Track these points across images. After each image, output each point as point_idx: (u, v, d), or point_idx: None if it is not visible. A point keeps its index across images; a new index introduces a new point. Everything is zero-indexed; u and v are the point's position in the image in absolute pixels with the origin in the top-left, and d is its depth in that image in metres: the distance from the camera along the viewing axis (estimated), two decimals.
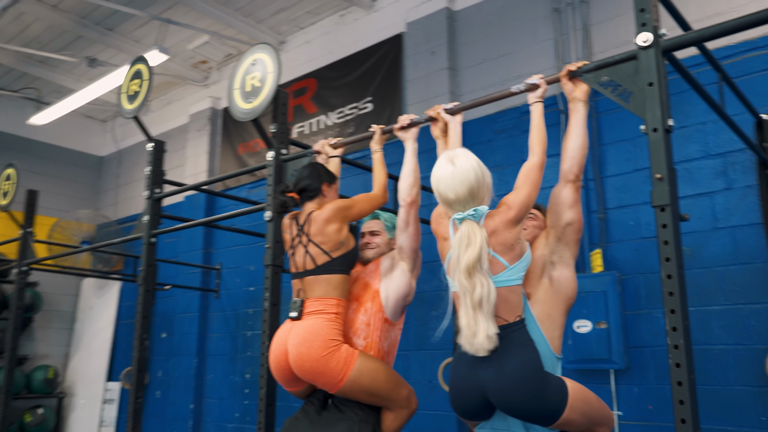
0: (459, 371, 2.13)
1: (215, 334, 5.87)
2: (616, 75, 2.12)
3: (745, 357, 3.16)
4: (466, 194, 2.05)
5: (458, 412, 2.19)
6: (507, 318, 2.05)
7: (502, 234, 2.06)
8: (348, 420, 2.54)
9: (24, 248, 5.11)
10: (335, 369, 2.44)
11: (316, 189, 2.72)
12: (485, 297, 1.94)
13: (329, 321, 2.52)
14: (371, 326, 2.66)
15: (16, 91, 7.12)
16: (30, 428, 6.37)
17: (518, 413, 2.04)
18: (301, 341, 2.47)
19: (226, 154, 6.29)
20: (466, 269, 1.95)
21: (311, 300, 2.58)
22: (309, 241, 2.62)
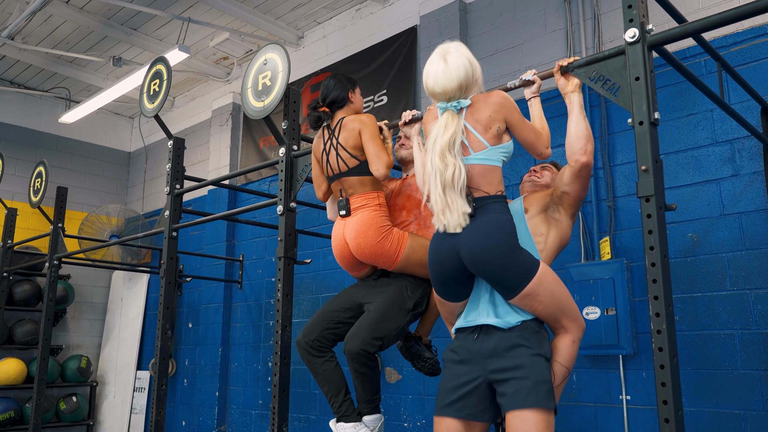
0: (437, 240, 2.28)
1: (239, 323, 6.04)
2: (605, 70, 2.18)
3: (751, 341, 3.20)
4: (455, 89, 2.24)
5: (437, 282, 2.35)
6: (488, 191, 2.22)
7: (481, 112, 2.24)
8: (402, 281, 2.88)
9: (55, 242, 5.32)
10: (391, 249, 2.77)
11: (344, 98, 3.00)
12: (456, 176, 2.14)
13: (375, 211, 2.83)
14: (421, 226, 2.96)
15: (47, 91, 7.37)
16: (65, 415, 6.64)
17: (486, 272, 2.19)
18: (356, 234, 2.79)
19: (248, 148, 6.44)
20: (440, 150, 2.16)
21: (354, 197, 2.87)
22: (338, 144, 2.88)
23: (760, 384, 3.14)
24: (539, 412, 2.08)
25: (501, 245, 2.15)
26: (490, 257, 2.15)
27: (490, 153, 2.23)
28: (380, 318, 2.72)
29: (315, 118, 2.98)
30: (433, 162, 2.18)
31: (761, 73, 3.38)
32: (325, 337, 2.84)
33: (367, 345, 2.66)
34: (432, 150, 2.20)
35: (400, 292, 2.82)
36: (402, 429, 4.54)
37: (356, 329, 2.72)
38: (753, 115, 3.34)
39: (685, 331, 3.40)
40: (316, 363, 2.82)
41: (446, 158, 2.16)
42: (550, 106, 4.05)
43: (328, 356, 2.84)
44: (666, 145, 3.62)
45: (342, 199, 2.88)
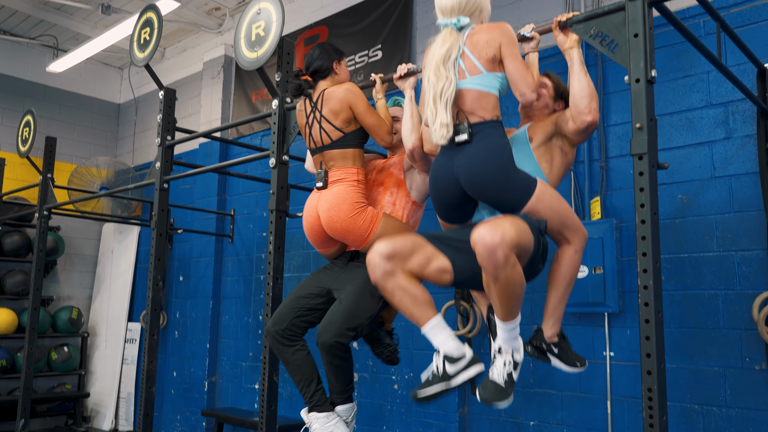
0: (436, 165, 2.36)
1: (230, 277, 6.08)
2: (605, 26, 2.16)
3: (734, 301, 3.26)
4: (455, 5, 2.31)
5: (439, 207, 2.43)
6: (483, 116, 2.26)
7: (480, 35, 2.28)
8: None
9: (44, 193, 5.29)
10: (363, 227, 2.72)
11: (328, 68, 2.92)
12: (445, 89, 2.20)
13: (352, 186, 2.78)
14: (396, 204, 2.92)
15: (34, 39, 7.22)
16: (56, 365, 6.71)
17: (485, 195, 2.26)
18: (330, 206, 2.75)
19: (240, 102, 6.38)
20: (435, 64, 2.23)
21: (333, 170, 2.82)
22: (322, 117, 2.83)
23: (740, 342, 3.22)
24: (522, 220, 2.16)
25: (498, 168, 2.20)
26: (488, 180, 2.21)
27: (485, 78, 2.26)
28: (352, 306, 2.66)
29: (295, 86, 2.89)
30: (428, 78, 2.26)
31: (760, 35, 3.36)
32: (296, 325, 2.78)
33: (341, 336, 2.61)
34: (429, 66, 2.27)
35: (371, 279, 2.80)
36: (390, 382, 4.63)
37: (329, 320, 2.66)
38: (749, 78, 3.34)
39: (670, 290, 3.45)
40: (287, 352, 2.76)
41: (440, 72, 2.22)
42: (547, 64, 4.02)
43: (299, 345, 2.78)
44: (660, 107, 3.62)
45: (321, 171, 2.83)
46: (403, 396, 4.56)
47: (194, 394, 6.04)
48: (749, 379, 3.18)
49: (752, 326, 3.17)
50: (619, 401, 3.55)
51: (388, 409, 4.64)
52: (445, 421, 4.19)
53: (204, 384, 5.96)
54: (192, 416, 5.99)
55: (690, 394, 3.34)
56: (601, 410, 3.62)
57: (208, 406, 5.91)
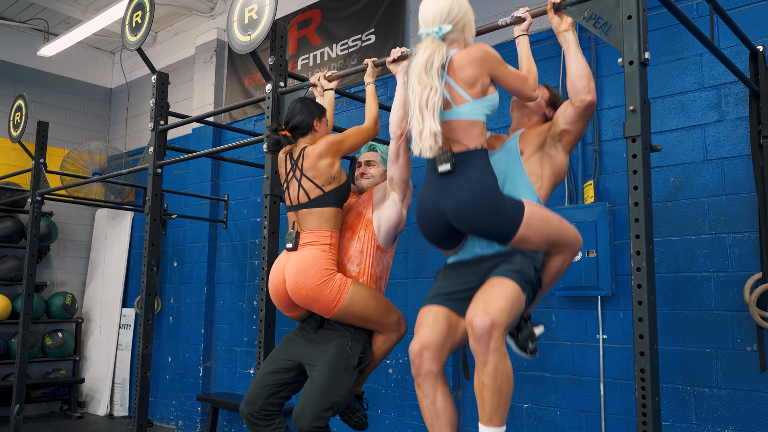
0: (421, 199, 2.34)
1: (224, 263, 6.08)
2: (598, 8, 2.16)
3: (726, 283, 3.29)
4: (437, 15, 2.26)
5: (428, 238, 2.41)
6: (468, 145, 2.23)
7: (464, 70, 2.22)
8: (341, 337, 2.73)
9: (37, 178, 5.26)
10: (329, 296, 2.61)
11: (308, 125, 2.82)
12: (431, 97, 2.14)
13: (323, 251, 2.68)
14: (364, 253, 2.82)
15: (24, 22, 7.14)
16: (51, 350, 6.71)
17: (474, 229, 2.24)
18: (297, 271, 2.64)
19: (233, 87, 6.34)
20: (417, 73, 2.18)
21: (306, 232, 2.73)
22: (302, 175, 2.74)
23: (732, 324, 3.25)
24: (513, 284, 2.16)
25: (483, 202, 2.16)
26: (474, 215, 2.18)
27: (472, 107, 2.22)
28: (327, 386, 2.58)
29: (273, 141, 2.81)
30: (413, 87, 2.20)
31: (752, 17, 3.36)
32: (271, 404, 2.68)
33: (318, 420, 2.52)
34: (411, 74, 2.22)
35: (343, 351, 2.67)
36: (385, 366, 4.66)
37: (303, 404, 2.56)
38: (741, 61, 3.34)
39: (663, 273, 3.48)
40: (266, 431, 2.67)
41: (422, 79, 2.17)
42: (542, 47, 4.02)
43: (277, 423, 2.69)
44: (654, 89, 3.62)
45: (292, 231, 2.75)
46: (398, 380, 4.59)
47: (189, 379, 6.06)
48: (740, 361, 3.21)
49: (744, 308, 3.20)
50: (612, 383, 3.59)
51: (383, 393, 4.67)
52: None
53: (199, 369, 5.98)
54: (187, 401, 6.02)
55: (682, 375, 3.38)
56: (594, 392, 3.66)
57: (203, 391, 5.93)
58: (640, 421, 1.93)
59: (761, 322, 3.08)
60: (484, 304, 2.09)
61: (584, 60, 2.32)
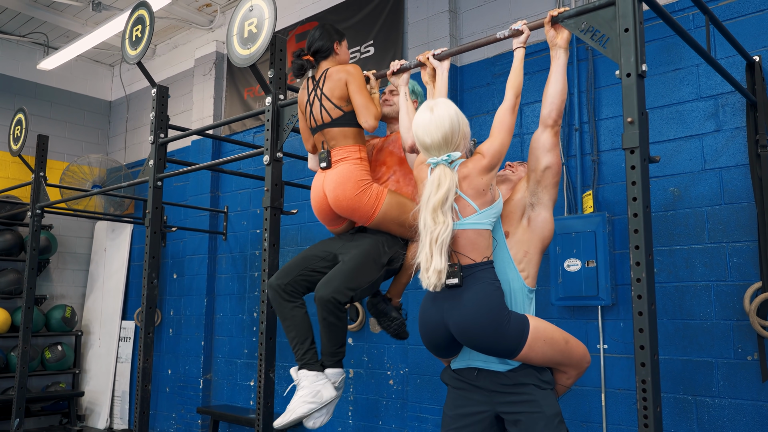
0: (425, 307, 2.31)
1: (224, 274, 6.08)
2: (596, 21, 2.18)
3: (726, 292, 3.29)
4: (440, 140, 2.22)
5: (428, 346, 2.38)
6: (474, 258, 2.20)
7: (474, 180, 2.21)
8: (377, 238, 2.85)
9: (37, 191, 5.27)
10: (368, 204, 2.74)
11: (329, 48, 2.94)
12: (442, 234, 2.11)
13: (356, 164, 2.79)
14: (401, 182, 2.94)
15: (24, 36, 7.17)
16: (50, 363, 6.69)
17: (477, 346, 2.21)
18: (335, 185, 2.76)
19: (232, 99, 6.37)
20: (432, 208, 2.14)
21: (336, 149, 2.84)
22: (323, 95, 2.84)
23: (732, 333, 3.25)
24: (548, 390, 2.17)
25: (491, 322, 2.14)
26: (481, 334, 2.16)
27: (480, 217, 2.21)
28: (355, 268, 2.70)
29: (298, 66, 2.93)
30: (425, 221, 2.16)
31: (748, 28, 3.39)
32: (298, 282, 2.80)
33: (339, 294, 2.63)
34: (425, 208, 2.17)
35: (376, 246, 2.80)
36: (385, 377, 4.65)
37: (330, 277, 2.70)
38: (738, 71, 3.36)
39: (663, 282, 3.48)
40: (286, 307, 2.79)
41: (437, 217, 2.13)
42: (538, 59, 4.05)
43: (299, 302, 2.81)
44: (651, 100, 3.64)
45: (323, 151, 2.84)
46: (399, 391, 4.58)
47: (189, 392, 6.04)
48: (741, 370, 3.21)
49: (744, 317, 3.20)
50: (614, 393, 3.58)
51: (383, 404, 4.66)
52: (440, 415, 4.21)
53: (199, 381, 5.97)
54: (187, 414, 5.99)
55: (683, 385, 3.37)
56: (595, 402, 3.65)
57: (204, 403, 5.92)
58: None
59: (761, 331, 3.09)
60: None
61: (565, 80, 2.33)
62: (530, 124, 4.16)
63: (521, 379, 2.24)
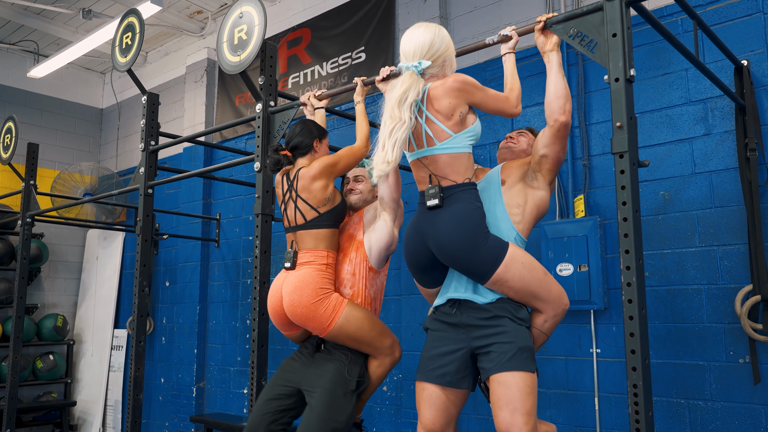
0: (409, 230, 2.38)
1: (216, 282, 6.06)
2: (584, 26, 2.19)
3: (717, 296, 3.30)
4: (416, 47, 2.32)
5: (412, 270, 2.45)
6: (455, 179, 2.26)
7: (440, 101, 2.25)
8: (338, 360, 2.73)
9: (27, 200, 5.24)
10: (324, 315, 2.63)
11: (308, 146, 2.86)
12: (396, 129, 2.19)
13: (320, 271, 2.70)
14: (357, 275, 2.82)
15: (14, 44, 7.15)
16: (42, 373, 6.65)
17: (453, 262, 2.26)
18: (293, 289, 2.66)
19: (224, 106, 6.36)
20: (390, 106, 2.22)
21: (303, 251, 2.76)
22: (298, 197, 2.77)
23: (724, 336, 3.26)
24: (522, 375, 2.16)
25: (468, 237, 2.19)
26: (456, 249, 2.21)
27: (455, 141, 2.25)
28: (326, 413, 2.57)
29: (275, 161, 2.85)
30: (384, 120, 2.24)
31: (736, 32, 3.41)
32: (273, 431, 2.67)
33: None
34: (386, 106, 2.27)
35: (340, 376, 2.67)
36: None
37: (304, 430, 2.56)
38: (726, 75, 3.38)
39: (654, 286, 3.49)
40: None
41: (394, 114, 2.20)
42: (528, 64, 4.06)
43: None
44: (641, 104, 3.66)
45: (290, 251, 2.79)
46: (393, 398, 4.57)
47: (182, 400, 6.01)
48: (733, 373, 3.22)
49: (735, 320, 3.21)
50: (607, 398, 3.59)
51: (377, 410, 4.64)
52: None
53: (192, 390, 5.94)
54: (180, 422, 5.96)
55: (676, 388, 3.38)
56: (589, 407, 3.65)
57: (197, 412, 5.88)
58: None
59: (753, 334, 3.10)
60: (512, 416, 2.11)
61: (564, 81, 2.35)
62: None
63: (497, 312, 2.27)
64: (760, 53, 3.33)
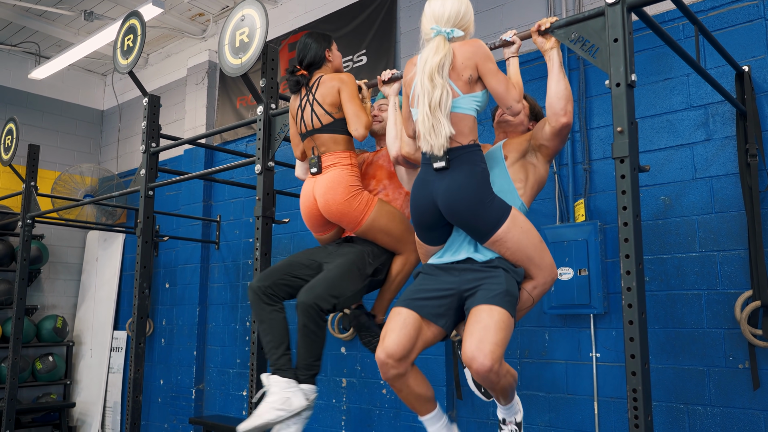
0: (416, 189, 2.39)
1: (216, 284, 6.05)
2: (585, 31, 2.19)
3: (717, 301, 3.30)
4: (452, 16, 2.31)
5: (417, 228, 2.46)
6: (461, 141, 2.27)
7: (456, 60, 2.26)
8: (362, 248, 2.84)
9: (28, 201, 5.25)
10: (357, 209, 2.75)
11: (321, 57, 2.93)
12: (444, 99, 2.18)
13: (347, 170, 2.80)
14: (390, 196, 2.96)
15: (15, 45, 7.16)
16: (41, 374, 6.64)
17: (459, 221, 2.29)
18: (326, 190, 2.77)
19: (224, 108, 6.37)
20: (429, 72, 2.19)
21: (326, 155, 2.84)
22: (315, 100, 2.84)
23: (724, 342, 3.26)
24: (501, 311, 2.18)
25: (474, 195, 2.23)
26: (464, 207, 2.24)
27: (463, 101, 2.26)
28: (339, 276, 2.68)
29: (294, 82, 2.91)
30: (423, 83, 2.22)
31: (737, 38, 3.41)
32: (279, 287, 2.76)
33: (321, 300, 2.60)
34: (422, 71, 2.23)
35: (361, 256, 2.80)
36: (378, 387, 4.63)
37: (313, 283, 2.67)
38: (727, 81, 3.39)
39: (654, 291, 3.49)
40: (265, 310, 2.73)
41: (435, 79, 2.19)
42: (530, 68, 4.06)
43: (278, 307, 2.76)
44: (642, 109, 3.66)
45: (314, 156, 2.84)
46: (392, 401, 4.56)
47: (181, 402, 6.00)
48: (733, 378, 3.22)
49: (735, 325, 3.21)
50: (606, 402, 3.58)
51: (377, 414, 4.64)
52: None
53: (191, 392, 5.93)
54: (179, 424, 5.95)
55: (675, 393, 3.38)
56: (588, 411, 3.65)
57: (196, 413, 5.88)
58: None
59: (753, 339, 3.09)
60: (480, 343, 2.10)
61: (566, 81, 2.36)
62: None
63: (494, 264, 2.33)
64: (761, 59, 3.33)
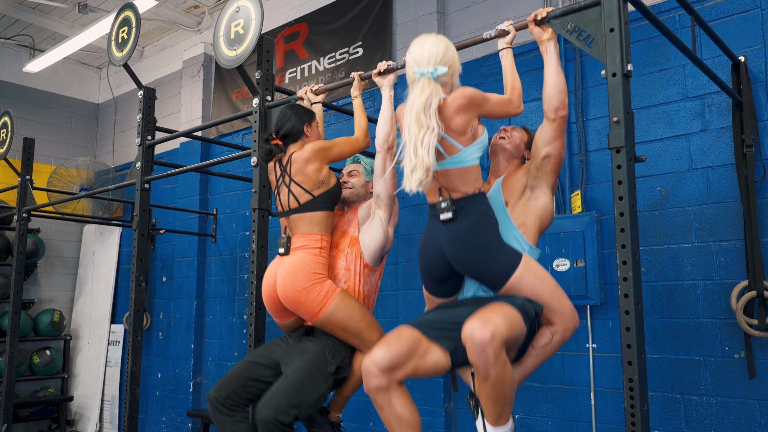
0: (424, 241, 2.37)
1: (213, 277, 6.05)
2: (581, 21, 2.18)
3: (713, 291, 3.31)
4: (432, 56, 2.24)
5: (426, 281, 2.43)
6: (466, 191, 2.27)
7: (453, 120, 2.23)
8: (323, 343, 2.70)
9: (23, 195, 5.23)
10: (315, 300, 2.62)
11: (299, 131, 2.84)
12: (427, 136, 2.12)
13: (313, 255, 2.69)
14: (351, 271, 2.81)
15: (9, 39, 7.12)
16: (39, 368, 6.64)
17: (470, 271, 2.28)
18: (286, 274, 2.66)
19: (220, 101, 6.35)
20: (416, 114, 2.15)
21: (297, 236, 2.75)
22: (291, 180, 2.76)
23: (720, 332, 3.27)
24: (514, 309, 2.16)
25: (483, 246, 2.22)
26: (473, 258, 2.23)
27: (465, 154, 2.25)
28: (299, 383, 2.51)
29: (266, 151, 2.83)
30: (409, 127, 2.16)
31: (734, 28, 3.41)
32: (238, 394, 2.60)
33: (282, 414, 2.43)
34: (409, 114, 2.18)
35: (322, 354, 2.63)
36: None
37: (272, 394, 2.49)
38: (724, 71, 3.39)
39: (651, 281, 3.50)
40: (226, 423, 2.57)
41: (420, 120, 2.14)
42: (526, 60, 4.06)
43: (240, 416, 2.60)
44: (638, 100, 3.66)
45: (284, 236, 2.77)
46: None
47: (179, 395, 6.01)
48: (729, 368, 3.23)
49: (731, 316, 3.22)
50: (603, 392, 3.60)
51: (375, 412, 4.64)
52: (431, 416, 4.21)
53: (189, 385, 5.94)
54: (177, 417, 5.96)
55: (671, 383, 3.39)
56: (585, 402, 3.66)
57: (194, 406, 5.89)
58: (629, 431, 1.93)
59: (748, 329, 3.11)
60: (483, 318, 2.06)
61: (562, 74, 2.35)
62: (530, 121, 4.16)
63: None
64: (757, 49, 3.33)
